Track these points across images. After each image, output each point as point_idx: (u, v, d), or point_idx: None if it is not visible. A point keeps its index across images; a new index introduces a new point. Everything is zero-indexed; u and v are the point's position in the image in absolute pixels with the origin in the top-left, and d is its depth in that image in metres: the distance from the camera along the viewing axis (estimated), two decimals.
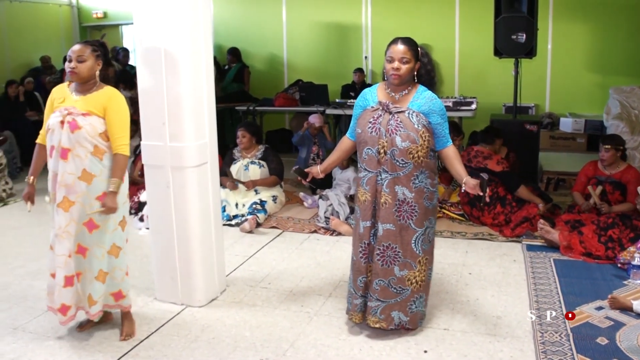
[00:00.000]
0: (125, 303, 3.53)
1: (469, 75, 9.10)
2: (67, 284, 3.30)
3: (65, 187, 3.23)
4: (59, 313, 3.34)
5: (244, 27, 10.34)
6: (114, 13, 11.31)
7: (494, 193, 5.44)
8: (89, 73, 3.26)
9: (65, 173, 3.22)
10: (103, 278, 3.38)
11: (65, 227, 3.25)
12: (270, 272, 4.52)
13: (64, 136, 3.21)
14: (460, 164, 3.27)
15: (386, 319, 3.34)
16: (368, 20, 9.58)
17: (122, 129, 3.30)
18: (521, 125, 6.62)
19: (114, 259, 3.41)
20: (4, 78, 9.23)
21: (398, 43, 3.21)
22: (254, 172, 6.11)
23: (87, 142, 3.21)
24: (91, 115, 3.24)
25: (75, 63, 3.23)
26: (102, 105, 3.26)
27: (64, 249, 3.26)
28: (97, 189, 3.26)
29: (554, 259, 4.60)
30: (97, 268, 3.35)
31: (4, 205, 6.69)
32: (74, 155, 3.21)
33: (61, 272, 3.28)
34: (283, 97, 8.73)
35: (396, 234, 3.25)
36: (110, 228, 3.35)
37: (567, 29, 8.57)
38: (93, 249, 3.32)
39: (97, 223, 3.29)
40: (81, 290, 3.38)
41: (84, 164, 3.22)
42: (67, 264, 3.28)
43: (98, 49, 3.32)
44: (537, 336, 3.37)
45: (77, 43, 3.33)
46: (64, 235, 3.25)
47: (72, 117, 3.21)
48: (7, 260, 4.87)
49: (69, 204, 3.24)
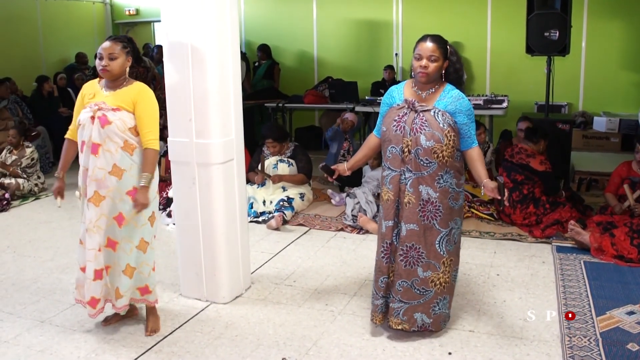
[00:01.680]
0: (151, 298, 3.54)
1: (501, 73, 8.98)
2: (97, 277, 3.33)
3: (96, 181, 3.26)
4: (88, 306, 3.37)
5: (274, 24, 10.36)
6: (146, 10, 11.43)
7: (530, 192, 5.36)
8: (120, 70, 3.29)
9: (96, 168, 3.25)
10: (130, 273, 3.41)
11: (96, 221, 3.28)
12: (296, 269, 4.51)
13: (95, 131, 3.23)
14: (482, 166, 3.21)
15: (409, 320, 3.30)
16: (399, 17, 9.51)
17: (151, 123, 3.31)
18: (553, 124, 6.51)
19: (142, 254, 3.43)
20: (39, 74, 9.38)
21: (427, 41, 3.16)
22: (283, 170, 6.13)
23: (117, 137, 3.24)
24: (121, 110, 3.26)
25: (107, 61, 3.25)
26: (131, 100, 3.28)
27: (94, 243, 3.29)
28: (127, 184, 3.29)
29: (584, 261, 4.51)
30: (124, 262, 3.38)
31: (36, 199, 6.81)
32: (104, 150, 3.24)
33: (91, 265, 3.31)
34: (312, 94, 8.71)
35: (420, 235, 3.21)
36: (140, 223, 3.38)
37: (603, 26, 8.39)
38: (122, 243, 3.36)
39: (127, 217, 3.32)
40: (110, 284, 3.42)
41: (115, 158, 3.25)
42: (97, 257, 3.31)
43: (128, 45, 3.34)
44: (565, 340, 3.30)
45: (107, 39, 3.35)
46: (94, 230, 3.28)
47: (102, 112, 3.23)
48: (37, 254, 4.96)
49: (100, 198, 3.27)
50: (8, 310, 3.89)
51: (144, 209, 3.30)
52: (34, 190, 6.95)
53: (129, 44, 3.36)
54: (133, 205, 3.29)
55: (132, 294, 3.49)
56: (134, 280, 3.44)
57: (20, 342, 3.46)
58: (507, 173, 5.53)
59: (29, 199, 6.79)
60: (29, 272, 4.54)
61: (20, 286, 4.28)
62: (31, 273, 4.53)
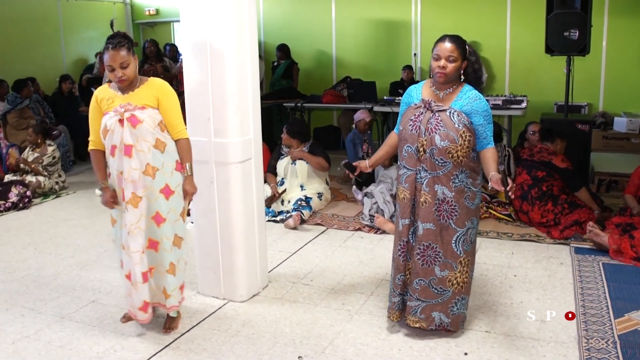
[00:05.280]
0: (183, 295, 3.59)
1: (520, 73, 8.92)
2: (145, 280, 3.36)
3: (132, 183, 3.28)
4: (141, 311, 3.38)
5: (293, 24, 10.38)
6: (166, 10, 11.50)
7: (549, 189, 5.33)
8: (135, 73, 3.31)
9: (131, 169, 3.27)
10: (174, 270, 3.44)
11: (137, 222, 3.30)
12: (313, 269, 4.52)
13: (126, 133, 3.24)
14: (494, 163, 3.14)
15: (426, 319, 3.30)
16: (417, 17, 9.49)
17: (178, 115, 3.39)
18: (572, 124, 6.45)
19: (177, 250, 3.45)
20: (60, 74, 9.50)
21: (445, 41, 3.16)
22: (301, 168, 6.12)
23: (149, 134, 3.26)
24: (147, 108, 3.29)
25: (121, 71, 3.21)
26: (154, 96, 3.31)
27: (138, 245, 3.31)
28: (160, 182, 3.32)
29: (602, 262, 4.47)
30: (168, 261, 3.41)
31: (57, 197, 6.89)
32: (137, 150, 3.26)
33: (138, 268, 3.32)
34: (331, 94, 8.71)
35: (436, 234, 3.21)
36: (173, 219, 3.40)
37: (624, 25, 8.29)
38: (163, 242, 3.38)
39: (163, 216, 3.35)
40: (155, 285, 3.45)
41: (147, 158, 3.28)
42: (142, 259, 3.33)
43: (128, 44, 3.25)
44: (582, 342, 3.28)
45: (110, 49, 3.20)
46: (135, 232, 3.30)
47: (131, 113, 3.25)
48: (58, 251, 5.03)
49: (137, 199, 3.29)
50: (29, 306, 3.95)
51: (194, 195, 3.44)
52: (55, 188, 7.05)
53: (128, 42, 3.26)
54: (184, 196, 3.40)
55: (179, 296, 3.50)
56: (177, 278, 3.46)
57: (40, 337, 3.51)
58: (527, 170, 5.50)
59: (49, 196, 6.88)
60: (49, 269, 4.61)
61: (40, 282, 4.34)
62: (52, 270, 4.60)
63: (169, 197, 3.35)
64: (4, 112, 7.87)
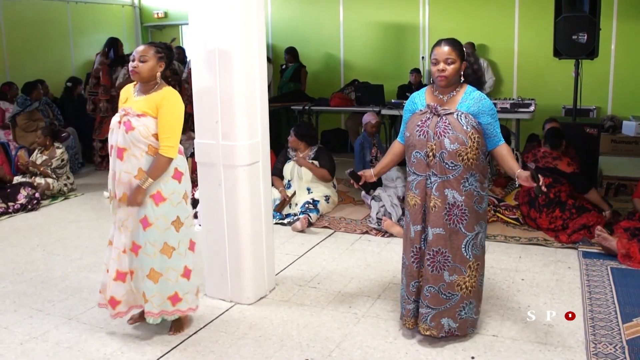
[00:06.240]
0: (183, 307, 3.48)
1: (528, 76, 8.92)
2: (118, 278, 3.38)
3: (122, 185, 3.30)
4: (109, 306, 3.42)
5: (301, 27, 10.41)
6: (175, 13, 11.55)
7: (556, 196, 5.30)
8: (149, 74, 3.31)
9: (122, 172, 3.29)
10: (155, 277, 3.37)
11: (125, 220, 3.34)
12: (320, 272, 4.53)
13: (120, 136, 3.28)
14: (513, 160, 3.21)
15: (436, 326, 3.29)
16: (425, 20, 9.49)
17: (170, 131, 3.28)
18: (581, 128, 6.43)
19: (166, 259, 3.38)
20: (68, 76, 9.55)
21: (441, 44, 3.18)
22: (307, 171, 6.13)
23: (141, 142, 3.26)
24: (146, 116, 3.28)
25: (137, 62, 3.28)
26: (155, 105, 3.29)
27: (121, 243, 3.35)
28: (151, 188, 3.30)
29: (611, 267, 4.45)
30: (148, 266, 3.36)
31: (65, 199, 6.92)
32: (129, 155, 3.28)
33: (114, 265, 3.37)
34: (339, 97, 8.73)
35: (446, 239, 3.21)
36: (162, 227, 3.36)
37: (633, 28, 8.28)
38: (146, 246, 3.35)
39: (150, 221, 3.33)
40: (135, 289, 3.45)
41: (140, 163, 3.28)
42: (121, 258, 3.36)
43: (162, 51, 3.35)
44: (590, 347, 3.27)
45: (143, 44, 3.39)
46: (121, 229, 3.34)
47: (127, 118, 3.27)
48: (66, 252, 5.05)
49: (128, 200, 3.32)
50: (37, 307, 3.97)
51: (134, 205, 3.29)
52: (64, 190, 7.08)
53: (164, 51, 3.36)
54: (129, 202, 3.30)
55: (163, 306, 3.43)
56: (159, 286, 3.39)
57: (48, 338, 3.53)
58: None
59: (58, 198, 6.91)
60: (57, 270, 4.63)
61: (49, 284, 4.36)
62: (60, 271, 4.62)
63: (159, 204, 3.32)
64: (13, 114, 7.91)
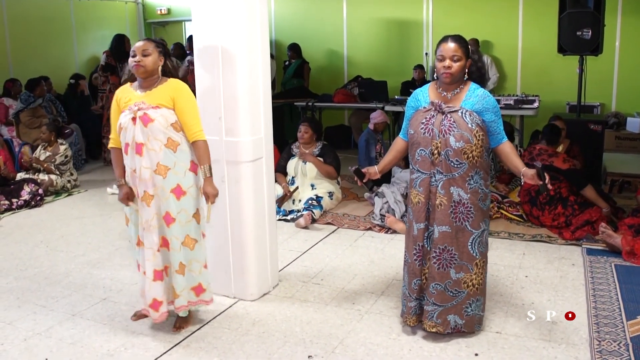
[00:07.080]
0: (207, 297, 3.56)
1: (532, 72, 8.87)
2: (157, 278, 3.38)
3: (143, 181, 3.31)
4: (151, 309, 3.41)
5: (304, 23, 10.38)
6: (178, 9, 11.54)
7: (557, 193, 5.29)
8: (153, 67, 3.33)
9: (142, 168, 3.30)
10: (182, 270, 3.42)
11: (151, 220, 3.33)
12: (324, 268, 4.52)
13: (138, 131, 3.27)
14: (517, 157, 3.21)
15: (443, 323, 3.29)
16: (429, 16, 9.46)
17: (194, 116, 3.36)
18: (585, 124, 6.42)
19: (189, 251, 3.43)
20: (72, 73, 9.55)
21: (448, 41, 3.16)
22: (311, 167, 6.12)
23: (160, 133, 3.27)
24: (161, 107, 3.30)
25: (140, 57, 3.29)
26: (169, 96, 3.32)
27: (151, 243, 3.35)
28: (171, 182, 3.32)
29: (615, 264, 4.44)
30: (177, 261, 3.40)
31: (69, 195, 6.93)
32: (148, 149, 3.28)
33: (150, 265, 3.36)
34: (342, 93, 8.72)
35: (452, 236, 3.20)
36: (185, 220, 3.39)
37: (637, 25, 8.22)
38: (172, 241, 3.38)
39: (173, 216, 3.34)
40: (169, 284, 3.47)
41: (159, 157, 3.29)
42: (155, 257, 3.36)
43: (160, 45, 3.40)
44: (593, 344, 3.26)
45: (141, 40, 3.41)
46: (150, 229, 3.34)
47: (143, 112, 3.27)
48: (69, 249, 5.06)
49: (149, 197, 3.32)
50: (41, 303, 3.98)
51: (216, 197, 3.38)
52: (67, 187, 7.09)
53: (162, 46, 3.42)
54: (206, 199, 3.36)
55: (189, 296, 3.49)
56: (186, 279, 3.45)
57: (52, 334, 3.53)
58: None
59: (61, 194, 6.92)
60: (61, 267, 4.64)
61: (52, 280, 4.37)
62: (63, 267, 4.63)
63: (180, 198, 3.35)
64: (17, 110, 7.93)
